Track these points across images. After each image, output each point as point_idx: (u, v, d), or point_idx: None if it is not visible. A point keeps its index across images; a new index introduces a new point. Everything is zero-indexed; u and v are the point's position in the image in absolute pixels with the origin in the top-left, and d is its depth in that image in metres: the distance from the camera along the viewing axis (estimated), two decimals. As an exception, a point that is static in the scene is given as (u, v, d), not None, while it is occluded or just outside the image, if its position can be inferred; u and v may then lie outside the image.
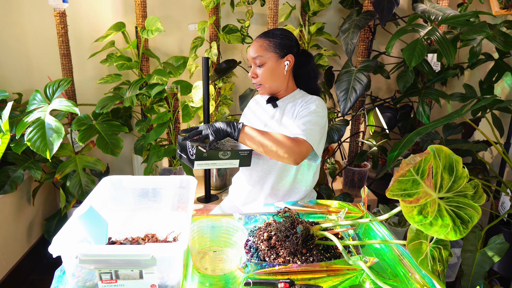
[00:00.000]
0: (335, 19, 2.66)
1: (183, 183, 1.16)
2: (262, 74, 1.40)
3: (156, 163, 2.39)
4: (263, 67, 1.39)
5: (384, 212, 2.04)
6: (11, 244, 2.06)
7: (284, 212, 1.04)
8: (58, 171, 1.98)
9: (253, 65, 1.42)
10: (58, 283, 0.87)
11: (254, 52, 1.39)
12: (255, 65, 1.41)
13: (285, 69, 1.40)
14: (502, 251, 1.40)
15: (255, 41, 1.41)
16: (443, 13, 1.92)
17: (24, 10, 2.26)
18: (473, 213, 0.79)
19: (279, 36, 1.40)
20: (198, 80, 2.32)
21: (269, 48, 1.38)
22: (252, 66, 1.42)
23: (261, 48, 1.39)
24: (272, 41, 1.39)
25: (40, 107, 1.82)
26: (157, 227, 1.09)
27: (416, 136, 1.47)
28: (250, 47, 1.42)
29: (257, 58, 1.38)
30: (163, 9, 2.44)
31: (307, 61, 1.45)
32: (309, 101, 1.38)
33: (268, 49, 1.38)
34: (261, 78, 1.41)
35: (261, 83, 1.42)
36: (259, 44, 1.40)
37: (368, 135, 2.78)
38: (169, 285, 0.84)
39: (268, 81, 1.41)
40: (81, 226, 0.90)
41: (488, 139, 1.60)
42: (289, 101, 1.45)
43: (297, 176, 1.44)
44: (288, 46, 1.40)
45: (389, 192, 0.76)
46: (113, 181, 1.14)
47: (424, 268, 0.82)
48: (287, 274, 0.90)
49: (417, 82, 2.19)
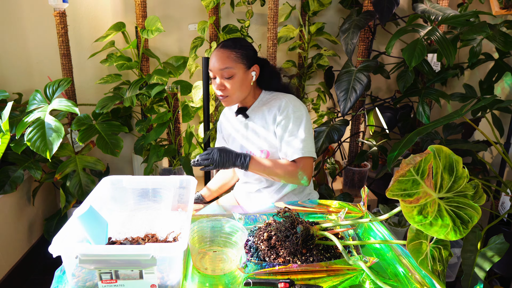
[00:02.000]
0: (335, 19, 2.66)
1: (183, 183, 1.16)
2: (231, 86, 1.34)
3: (156, 163, 2.39)
4: (232, 78, 1.33)
5: (384, 212, 2.04)
6: (11, 244, 2.06)
7: (284, 212, 1.04)
8: (58, 171, 1.98)
9: (218, 77, 1.35)
10: (58, 283, 0.87)
11: (222, 64, 1.32)
12: (222, 77, 1.34)
13: (253, 80, 1.38)
14: (502, 251, 1.40)
15: (220, 52, 1.34)
16: (443, 13, 1.92)
17: (24, 10, 2.26)
18: (473, 213, 0.79)
19: (244, 46, 1.36)
20: (198, 80, 2.31)
21: (237, 59, 1.33)
22: (218, 78, 1.35)
23: (229, 60, 1.32)
24: (239, 52, 1.34)
25: (40, 107, 1.82)
26: (157, 227, 1.09)
27: (416, 136, 1.47)
28: (213, 58, 1.35)
29: (225, 70, 1.32)
30: (163, 9, 2.44)
31: (264, 65, 1.42)
32: (282, 106, 1.36)
33: (236, 61, 1.33)
34: (230, 90, 1.35)
35: (229, 94, 1.36)
36: (225, 55, 1.33)
37: (368, 135, 2.78)
38: (169, 285, 0.84)
39: (236, 93, 1.36)
40: (81, 226, 0.90)
41: (488, 139, 1.60)
42: (259, 107, 1.43)
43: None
44: (252, 56, 1.37)
45: (389, 192, 0.76)
46: (113, 181, 1.14)
47: (424, 268, 0.82)
48: (287, 274, 0.90)
49: (417, 82, 2.19)
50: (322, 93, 2.55)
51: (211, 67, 1.35)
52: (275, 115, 1.37)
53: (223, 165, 1.28)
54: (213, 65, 1.34)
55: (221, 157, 1.28)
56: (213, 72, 1.36)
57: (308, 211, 1.23)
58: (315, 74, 2.74)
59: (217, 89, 1.36)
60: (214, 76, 1.37)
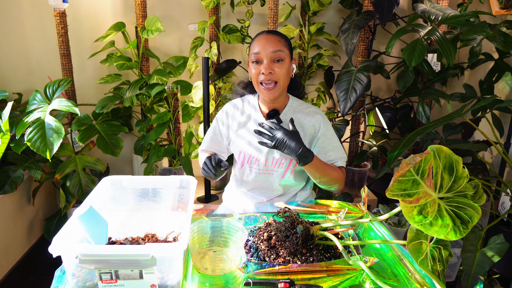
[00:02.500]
0: (335, 19, 2.66)
1: (183, 183, 1.16)
2: (280, 71, 1.26)
3: (156, 163, 2.39)
4: (282, 63, 1.26)
5: (384, 212, 2.04)
6: (11, 244, 2.06)
7: (284, 212, 1.04)
8: (58, 171, 1.98)
9: (266, 60, 1.26)
10: (58, 283, 0.87)
11: (274, 46, 1.25)
12: (271, 60, 1.26)
13: (293, 73, 1.33)
14: (502, 251, 1.40)
15: (270, 36, 1.28)
16: (443, 13, 1.92)
17: (24, 10, 2.26)
18: (473, 213, 0.79)
19: (287, 37, 1.33)
20: (198, 80, 2.32)
21: (286, 46, 1.29)
22: (265, 61, 1.26)
23: (280, 44, 1.27)
24: (286, 41, 1.31)
25: (40, 107, 1.82)
26: (157, 227, 1.09)
27: (416, 136, 1.47)
28: (262, 41, 1.27)
29: (277, 53, 1.25)
30: (163, 9, 2.44)
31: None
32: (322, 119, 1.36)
33: (285, 46, 1.29)
34: (279, 74, 1.26)
35: (277, 80, 1.27)
36: (277, 39, 1.27)
37: (368, 135, 2.78)
38: (169, 285, 0.84)
39: (283, 79, 1.28)
40: (81, 226, 0.90)
41: (488, 139, 1.60)
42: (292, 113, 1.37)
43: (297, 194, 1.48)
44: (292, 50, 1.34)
45: (389, 192, 0.76)
46: (113, 181, 1.14)
47: (424, 268, 0.82)
48: (287, 274, 0.90)
49: (417, 82, 2.19)
50: (322, 93, 2.55)
51: (259, 49, 1.26)
52: (316, 127, 1.35)
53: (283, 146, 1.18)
54: (263, 47, 1.25)
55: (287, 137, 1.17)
56: (262, 54, 1.26)
57: (308, 211, 1.23)
58: (315, 74, 2.74)
59: (265, 72, 1.25)
60: (259, 59, 1.27)
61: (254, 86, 1.34)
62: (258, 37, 1.31)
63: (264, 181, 1.42)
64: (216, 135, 1.49)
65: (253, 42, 1.31)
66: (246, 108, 1.44)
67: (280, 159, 1.36)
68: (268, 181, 1.41)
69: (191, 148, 2.21)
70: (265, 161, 1.37)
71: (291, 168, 1.37)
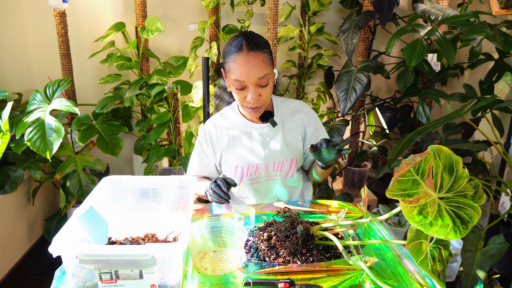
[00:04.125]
0: (335, 19, 2.66)
1: (183, 183, 1.16)
2: (266, 94, 1.17)
3: (156, 163, 2.39)
4: (268, 85, 1.16)
5: (384, 212, 2.04)
6: (11, 244, 2.06)
7: (284, 212, 1.04)
8: (58, 171, 1.98)
9: (251, 87, 1.14)
10: (58, 283, 0.87)
11: (261, 71, 1.12)
12: (257, 86, 1.15)
13: (275, 80, 1.27)
14: (502, 251, 1.40)
15: (253, 57, 1.12)
16: (443, 13, 1.92)
17: (24, 10, 2.26)
18: (473, 213, 0.79)
19: (266, 43, 1.19)
20: (198, 80, 2.31)
21: (269, 61, 1.16)
22: (252, 88, 1.14)
23: (265, 64, 1.14)
24: (267, 52, 1.16)
25: (40, 107, 1.82)
26: (157, 227, 1.09)
27: (416, 136, 1.47)
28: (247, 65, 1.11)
29: (264, 78, 1.13)
30: (163, 9, 2.44)
31: None
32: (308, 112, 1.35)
33: (269, 63, 1.16)
34: (265, 99, 1.18)
35: (263, 104, 1.20)
36: (261, 60, 1.13)
37: (368, 135, 2.78)
38: (169, 285, 0.84)
39: (268, 100, 1.21)
40: (81, 226, 0.90)
41: (488, 139, 1.60)
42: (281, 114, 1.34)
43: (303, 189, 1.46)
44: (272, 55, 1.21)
45: (389, 192, 0.76)
46: (113, 181, 1.14)
47: (424, 268, 0.82)
48: (287, 274, 0.90)
49: (417, 82, 2.19)
50: (322, 93, 2.55)
51: (245, 77, 1.12)
52: (304, 122, 1.34)
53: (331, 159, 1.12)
54: (249, 74, 1.11)
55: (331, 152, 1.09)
56: (248, 82, 1.13)
57: (308, 211, 1.23)
58: (315, 74, 2.74)
59: (253, 101, 1.16)
60: (243, 86, 1.15)
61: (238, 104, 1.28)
62: (238, 58, 1.13)
63: (267, 190, 1.36)
64: (202, 159, 1.38)
65: (232, 62, 1.14)
66: (231, 120, 1.34)
67: (280, 162, 1.32)
68: (270, 188, 1.35)
69: (191, 148, 2.21)
70: (266, 167, 1.32)
71: (293, 169, 1.35)
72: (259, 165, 1.31)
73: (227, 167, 1.34)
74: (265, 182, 1.35)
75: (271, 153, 1.31)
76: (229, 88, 1.25)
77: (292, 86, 2.67)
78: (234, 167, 1.32)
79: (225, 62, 1.20)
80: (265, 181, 1.34)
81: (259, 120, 1.33)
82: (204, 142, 1.36)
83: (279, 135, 1.32)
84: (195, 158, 1.39)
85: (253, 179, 1.33)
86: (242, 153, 1.31)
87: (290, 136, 1.33)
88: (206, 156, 1.37)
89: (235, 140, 1.32)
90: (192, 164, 1.41)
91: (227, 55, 1.17)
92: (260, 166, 1.31)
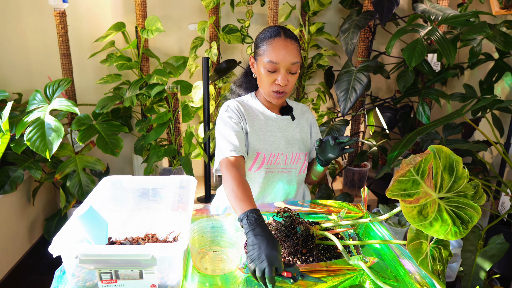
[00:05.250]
0: (335, 19, 2.66)
1: (183, 183, 1.16)
2: (292, 82, 1.23)
3: (156, 163, 2.39)
4: (295, 74, 1.23)
5: (384, 212, 2.04)
6: (11, 244, 2.06)
7: (284, 212, 1.04)
8: (58, 171, 1.98)
9: (284, 71, 1.20)
10: (58, 283, 0.87)
11: (294, 57, 1.19)
12: (288, 71, 1.20)
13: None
14: (502, 251, 1.40)
15: (289, 43, 1.19)
16: (443, 13, 1.92)
17: (24, 10, 2.26)
18: (473, 213, 0.79)
19: (298, 39, 1.26)
20: (198, 80, 2.31)
21: (300, 53, 1.24)
22: (283, 72, 1.20)
23: (298, 52, 1.21)
24: (299, 45, 1.25)
25: (40, 107, 1.82)
26: (157, 227, 1.09)
27: (416, 136, 1.47)
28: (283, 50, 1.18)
29: (296, 64, 1.20)
30: (163, 9, 2.44)
31: None
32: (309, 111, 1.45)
33: (300, 54, 1.23)
34: (290, 86, 1.24)
35: (288, 91, 1.25)
36: (295, 48, 1.20)
37: (368, 135, 2.78)
38: (169, 285, 0.84)
39: (291, 89, 1.27)
40: (81, 226, 0.90)
41: (488, 139, 1.60)
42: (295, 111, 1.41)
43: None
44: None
45: (389, 192, 0.76)
46: (113, 181, 1.14)
47: (424, 268, 0.82)
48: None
49: (417, 82, 2.19)
50: (322, 93, 2.55)
51: (280, 59, 1.17)
52: (311, 122, 1.43)
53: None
54: (284, 57, 1.17)
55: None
56: (281, 64, 1.18)
57: (308, 211, 1.23)
58: (315, 74, 2.74)
59: (282, 84, 1.20)
60: (275, 69, 1.20)
61: (261, 89, 1.28)
62: (275, 41, 1.19)
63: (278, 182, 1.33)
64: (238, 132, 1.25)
65: (268, 45, 1.20)
66: (254, 106, 1.35)
67: (298, 154, 1.33)
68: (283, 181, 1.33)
69: (191, 148, 2.21)
70: (285, 158, 1.32)
71: (306, 163, 1.38)
72: (280, 155, 1.31)
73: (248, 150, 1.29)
74: (280, 174, 1.32)
75: (291, 145, 1.33)
76: (255, 75, 1.28)
77: (292, 86, 2.67)
78: (255, 154, 1.28)
79: (259, 47, 1.23)
80: (281, 173, 1.32)
81: (278, 112, 1.37)
82: (234, 114, 1.28)
83: (297, 129, 1.38)
84: (229, 132, 1.23)
85: (271, 168, 1.31)
86: (265, 140, 1.30)
87: (303, 132, 1.40)
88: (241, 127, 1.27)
89: (258, 125, 1.30)
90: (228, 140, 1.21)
91: (263, 40, 1.22)
92: (280, 156, 1.31)
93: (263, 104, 1.36)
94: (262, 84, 1.25)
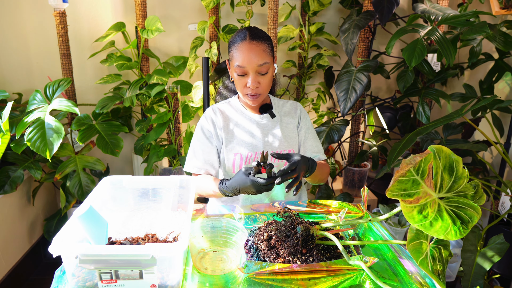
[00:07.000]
0: (335, 19, 2.66)
1: (183, 183, 1.16)
2: (265, 83, 1.25)
3: (156, 163, 2.39)
4: (267, 74, 1.24)
5: (384, 212, 2.04)
6: (11, 244, 2.06)
7: (284, 212, 1.04)
8: (58, 171, 1.98)
9: (252, 73, 1.22)
10: (58, 283, 0.87)
11: (261, 59, 1.21)
12: (257, 73, 1.22)
13: (274, 74, 1.34)
14: (502, 251, 1.40)
15: (255, 45, 1.21)
16: (443, 13, 1.92)
17: (24, 10, 2.26)
18: (473, 213, 0.79)
19: (268, 37, 1.27)
20: (198, 80, 2.32)
21: (270, 52, 1.25)
22: (252, 75, 1.22)
23: (265, 53, 1.22)
24: (269, 44, 1.25)
25: (40, 107, 1.82)
26: (157, 227, 1.09)
27: (416, 136, 1.47)
28: (248, 53, 1.20)
29: (264, 66, 1.22)
30: (163, 9, 2.44)
31: None
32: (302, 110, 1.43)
33: (269, 53, 1.24)
34: (264, 87, 1.25)
35: (262, 92, 1.26)
36: (262, 49, 1.22)
37: (368, 135, 2.78)
38: (169, 285, 0.84)
39: (268, 87, 1.28)
40: (81, 226, 0.90)
41: (488, 139, 1.60)
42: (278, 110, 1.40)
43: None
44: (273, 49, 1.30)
45: (389, 192, 0.76)
46: (113, 181, 1.14)
47: (424, 268, 0.82)
48: (287, 274, 0.90)
49: (417, 82, 2.19)
50: (322, 93, 2.55)
51: (246, 62, 1.20)
52: (299, 117, 1.41)
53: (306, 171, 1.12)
54: (250, 60, 1.20)
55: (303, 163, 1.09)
56: (248, 68, 1.21)
57: (308, 211, 1.23)
58: (315, 74, 2.74)
59: (252, 87, 1.23)
60: (244, 72, 1.23)
61: (238, 91, 1.32)
62: (241, 45, 1.22)
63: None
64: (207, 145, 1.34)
65: (235, 50, 1.24)
66: (232, 107, 1.40)
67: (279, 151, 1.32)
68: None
69: (191, 148, 2.21)
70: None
71: None
72: (258, 154, 1.34)
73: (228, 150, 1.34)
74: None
75: (269, 143, 1.36)
76: (232, 78, 1.32)
77: (292, 86, 2.68)
78: (233, 155, 1.33)
79: (229, 51, 1.29)
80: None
81: (258, 112, 1.38)
82: (207, 123, 1.35)
83: (277, 128, 1.37)
84: (197, 147, 1.34)
85: None
86: (242, 141, 1.34)
87: (287, 129, 1.39)
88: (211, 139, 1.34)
89: (235, 127, 1.36)
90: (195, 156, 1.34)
91: (232, 44, 1.27)
92: (259, 155, 1.34)
93: (243, 104, 1.40)
94: (237, 88, 1.30)
